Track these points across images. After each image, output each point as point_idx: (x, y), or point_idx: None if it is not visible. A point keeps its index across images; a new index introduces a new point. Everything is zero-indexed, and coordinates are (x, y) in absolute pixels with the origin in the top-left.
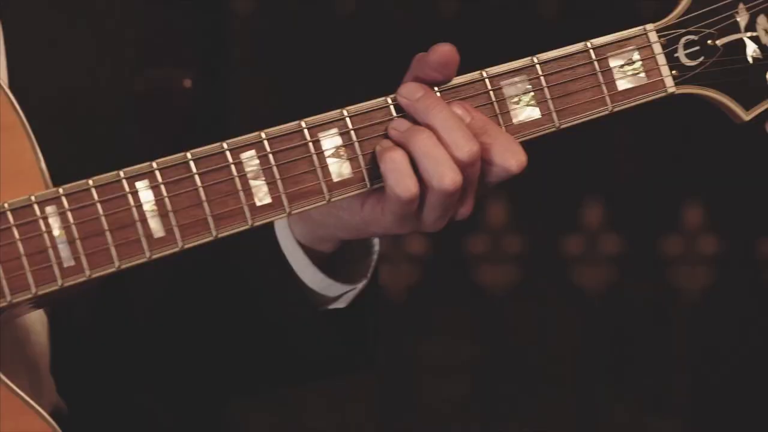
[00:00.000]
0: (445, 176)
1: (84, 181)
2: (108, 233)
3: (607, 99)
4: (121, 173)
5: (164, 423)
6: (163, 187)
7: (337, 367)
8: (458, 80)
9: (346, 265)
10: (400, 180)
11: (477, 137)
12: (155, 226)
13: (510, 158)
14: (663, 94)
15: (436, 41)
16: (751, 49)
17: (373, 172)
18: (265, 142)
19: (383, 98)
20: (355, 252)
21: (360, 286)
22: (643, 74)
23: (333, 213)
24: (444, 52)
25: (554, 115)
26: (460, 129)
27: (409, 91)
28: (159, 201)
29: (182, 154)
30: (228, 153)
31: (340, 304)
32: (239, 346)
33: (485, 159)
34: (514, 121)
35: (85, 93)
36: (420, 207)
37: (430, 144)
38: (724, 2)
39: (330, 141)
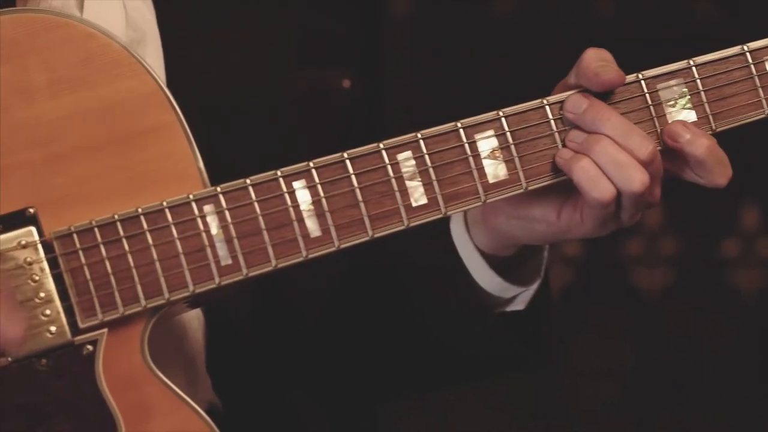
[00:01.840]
0: (634, 179)
1: (241, 180)
2: (265, 232)
3: (764, 102)
4: (279, 172)
5: (318, 422)
6: (319, 187)
7: (512, 366)
8: None
9: (517, 266)
10: (597, 184)
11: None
12: (312, 225)
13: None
14: None
15: (592, 42)
16: None
17: (529, 173)
18: (422, 143)
19: (539, 100)
20: (525, 252)
21: (535, 286)
22: None
23: (527, 226)
24: (611, 81)
25: (711, 118)
26: (633, 131)
27: (574, 105)
28: (316, 201)
29: (339, 154)
30: (384, 153)
31: (517, 306)
32: (404, 347)
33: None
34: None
35: (243, 92)
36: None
37: (612, 151)
38: None
39: (486, 142)
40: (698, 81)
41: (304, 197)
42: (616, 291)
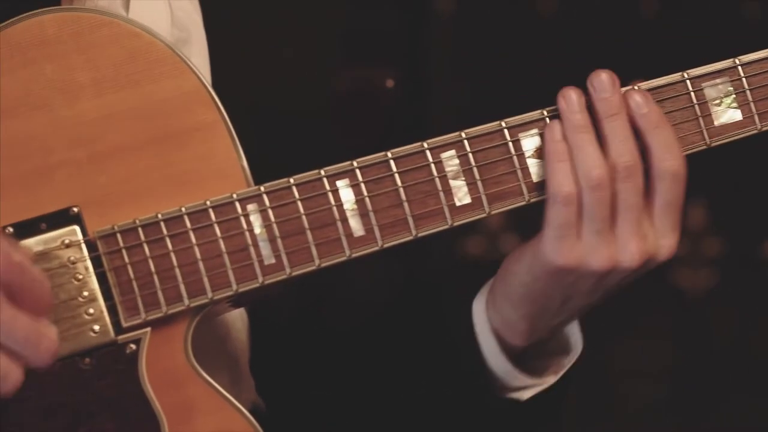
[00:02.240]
0: (591, 173)
1: (285, 179)
2: (308, 232)
3: None
4: (322, 172)
5: (362, 424)
6: (363, 186)
7: None
8: (659, 81)
9: (535, 359)
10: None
11: (646, 132)
12: (355, 225)
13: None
14: None
15: (637, 42)
16: None
17: None
18: (465, 142)
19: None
20: (547, 347)
21: (547, 382)
22: None
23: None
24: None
25: (756, 117)
26: (619, 137)
27: (602, 83)
28: (359, 200)
29: (383, 153)
30: (428, 152)
31: (522, 396)
32: (409, 398)
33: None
34: (716, 123)
35: (287, 91)
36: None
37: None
38: None
39: (530, 141)
40: (744, 80)
41: (347, 196)
42: (659, 292)
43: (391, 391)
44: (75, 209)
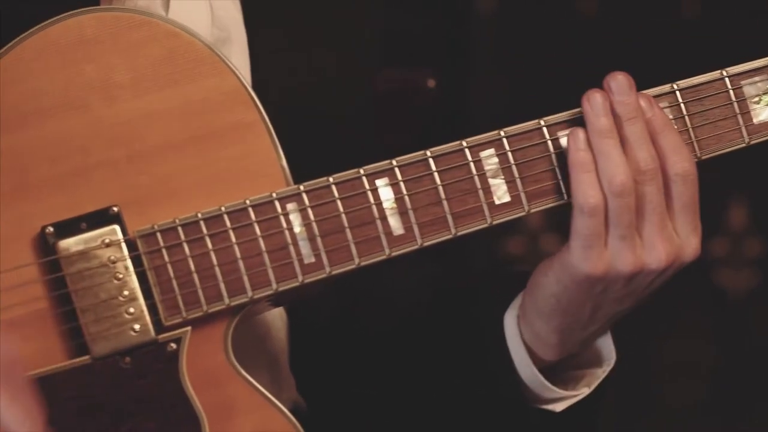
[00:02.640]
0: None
1: (324, 178)
2: (348, 230)
3: None
4: (362, 170)
5: (403, 423)
6: (402, 185)
7: None
8: (698, 80)
9: (568, 370)
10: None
11: (653, 136)
12: (395, 223)
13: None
14: None
15: (676, 41)
16: None
17: None
18: (504, 141)
19: None
20: (580, 359)
21: (581, 394)
22: None
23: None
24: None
25: None
26: (641, 141)
27: (620, 85)
28: (399, 199)
29: (422, 152)
30: (467, 151)
31: (556, 408)
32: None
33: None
34: (755, 120)
35: (327, 91)
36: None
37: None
38: None
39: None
40: None
41: (387, 195)
42: (701, 293)
43: (427, 392)
44: (115, 209)
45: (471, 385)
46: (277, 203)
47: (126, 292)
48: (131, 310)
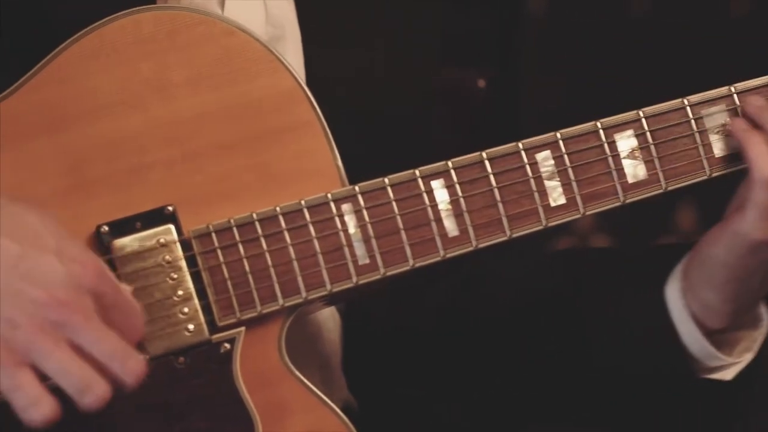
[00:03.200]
0: None
1: (380, 179)
2: (403, 232)
3: None
4: (417, 172)
5: (456, 423)
6: (458, 187)
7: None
8: (756, 82)
9: (729, 337)
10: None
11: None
12: (449, 225)
13: None
14: None
15: (727, 41)
16: None
17: (668, 174)
18: (561, 143)
19: (679, 100)
20: (742, 324)
21: (745, 359)
22: None
23: (736, 277)
24: None
25: None
26: None
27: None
28: (454, 200)
29: (477, 153)
30: (523, 153)
31: (725, 376)
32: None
33: None
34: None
35: (382, 91)
36: None
37: None
38: None
39: (625, 142)
40: None
41: (442, 197)
42: None
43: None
44: (170, 208)
45: (632, 366)
46: (332, 204)
47: (180, 292)
48: (185, 310)
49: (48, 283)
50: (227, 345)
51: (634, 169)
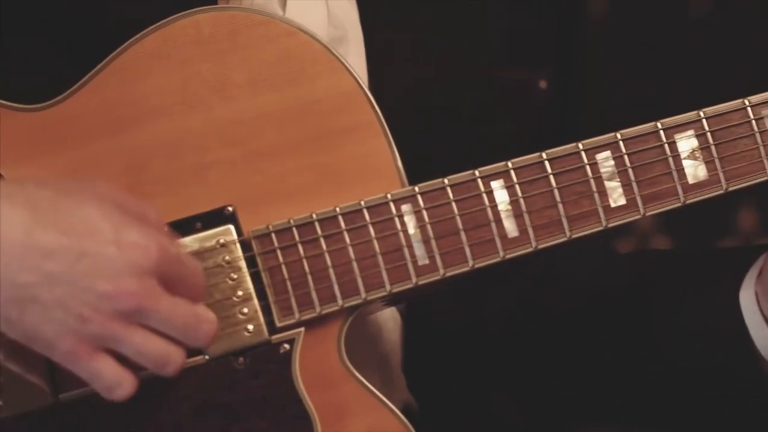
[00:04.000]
0: None
1: (439, 180)
2: (462, 233)
3: None
4: (477, 172)
5: (517, 424)
6: (518, 187)
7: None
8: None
9: None
10: None
11: None
12: (509, 226)
13: None
14: None
15: None
16: None
17: (729, 175)
18: (621, 143)
19: (740, 100)
20: None
21: None
22: None
23: None
24: None
25: None
26: None
27: None
28: (513, 201)
29: (537, 154)
30: (583, 154)
31: None
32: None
33: None
34: None
35: (443, 92)
36: None
37: None
38: None
39: (686, 143)
40: None
41: (502, 197)
42: None
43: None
44: (230, 208)
45: (702, 368)
46: (392, 205)
47: (240, 293)
48: (245, 310)
49: (111, 275)
50: (286, 346)
51: (695, 170)
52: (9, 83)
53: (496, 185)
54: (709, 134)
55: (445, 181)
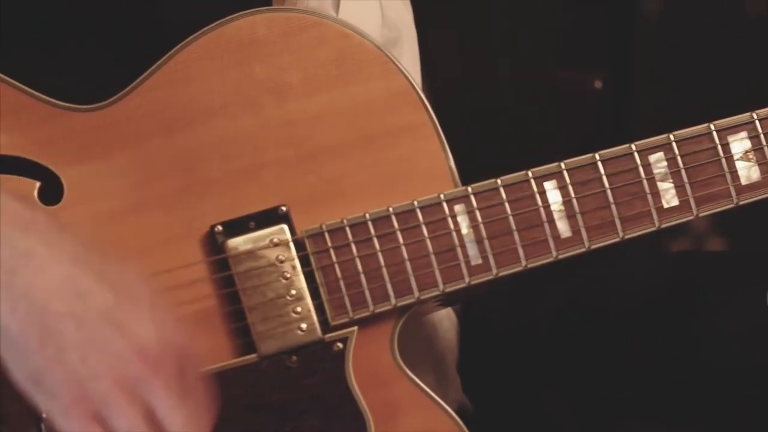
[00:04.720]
0: None
1: (492, 180)
2: (515, 233)
3: None
4: (530, 173)
5: (571, 425)
6: (570, 188)
7: None
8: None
9: None
10: None
11: None
12: (562, 226)
13: None
14: None
15: None
16: None
17: None
18: (674, 145)
19: None
20: None
21: None
22: None
23: None
24: None
25: None
26: None
27: None
28: (566, 202)
29: (590, 155)
30: (636, 155)
31: None
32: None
33: None
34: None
35: (496, 92)
36: None
37: None
38: None
39: (739, 144)
40: None
41: (555, 198)
42: None
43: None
44: (283, 208)
45: (741, 370)
46: (444, 205)
47: (293, 292)
48: (298, 309)
49: (137, 337)
50: (340, 344)
51: (748, 171)
52: (65, 84)
53: (549, 186)
54: (762, 136)
55: (498, 181)
